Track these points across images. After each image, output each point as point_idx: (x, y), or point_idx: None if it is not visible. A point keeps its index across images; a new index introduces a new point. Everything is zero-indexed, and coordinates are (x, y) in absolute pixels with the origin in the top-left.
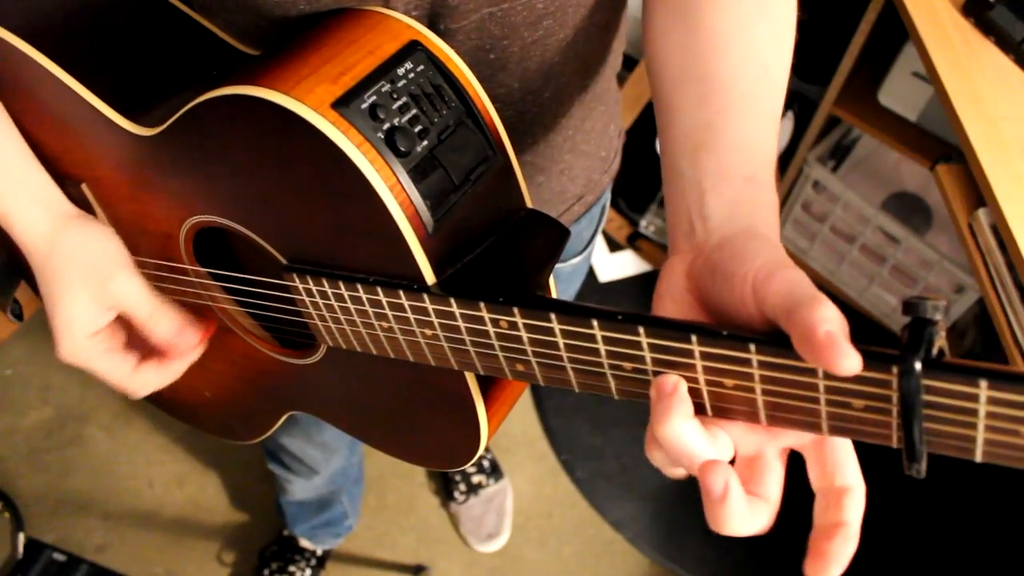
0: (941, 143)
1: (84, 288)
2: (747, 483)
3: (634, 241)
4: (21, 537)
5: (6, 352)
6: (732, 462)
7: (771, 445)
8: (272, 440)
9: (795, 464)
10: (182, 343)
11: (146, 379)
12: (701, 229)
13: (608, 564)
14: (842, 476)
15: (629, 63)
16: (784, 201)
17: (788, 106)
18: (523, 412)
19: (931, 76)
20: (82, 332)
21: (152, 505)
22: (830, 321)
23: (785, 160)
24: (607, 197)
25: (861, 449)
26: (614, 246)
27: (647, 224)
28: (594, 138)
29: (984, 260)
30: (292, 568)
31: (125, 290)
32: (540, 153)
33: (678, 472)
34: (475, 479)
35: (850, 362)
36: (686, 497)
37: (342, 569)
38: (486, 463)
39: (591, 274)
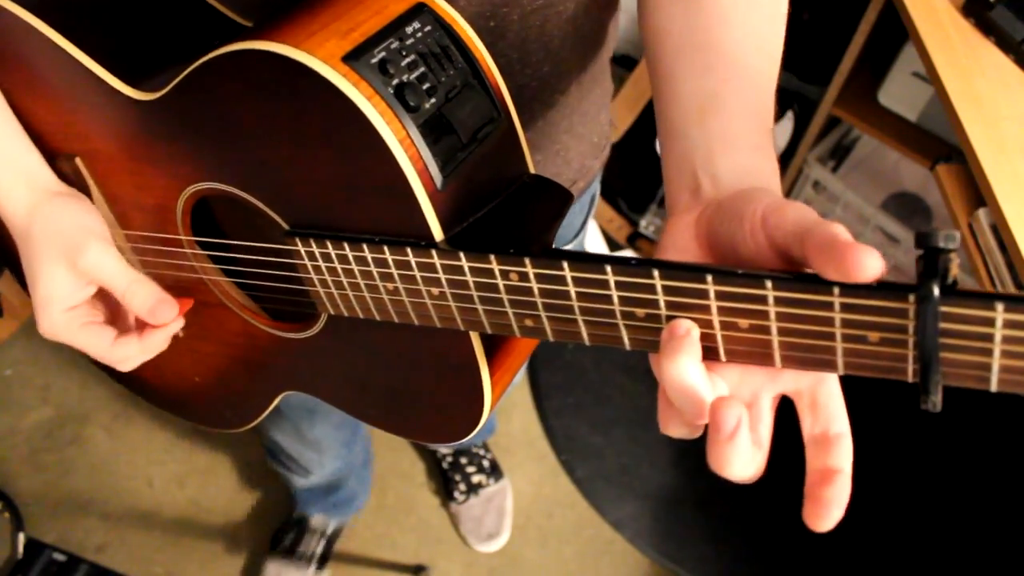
0: (941, 143)
1: (59, 262)
2: None
3: (634, 241)
4: (21, 537)
5: (6, 352)
6: None
7: (766, 392)
8: (268, 438)
9: (790, 469)
10: (161, 314)
11: (127, 351)
12: (710, 186)
13: (608, 564)
14: (835, 424)
15: (629, 63)
16: None
17: (788, 106)
18: (523, 412)
19: (931, 76)
20: (59, 306)
21: (152, 505)
22: (846, 232)
23: (785, 160)
24: (597, 186)
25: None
26: (614, 246)
27: (647, 224)
28: (589, 121)
29: (984, 260)
30: (303, 545)
31: (98, 261)
32: (539, 131)
33: (695, 434)
34: (475, 479)
35: (873, 261)
36: (686, 497)
37: (342, 569)
38: (486, 463)
39: None
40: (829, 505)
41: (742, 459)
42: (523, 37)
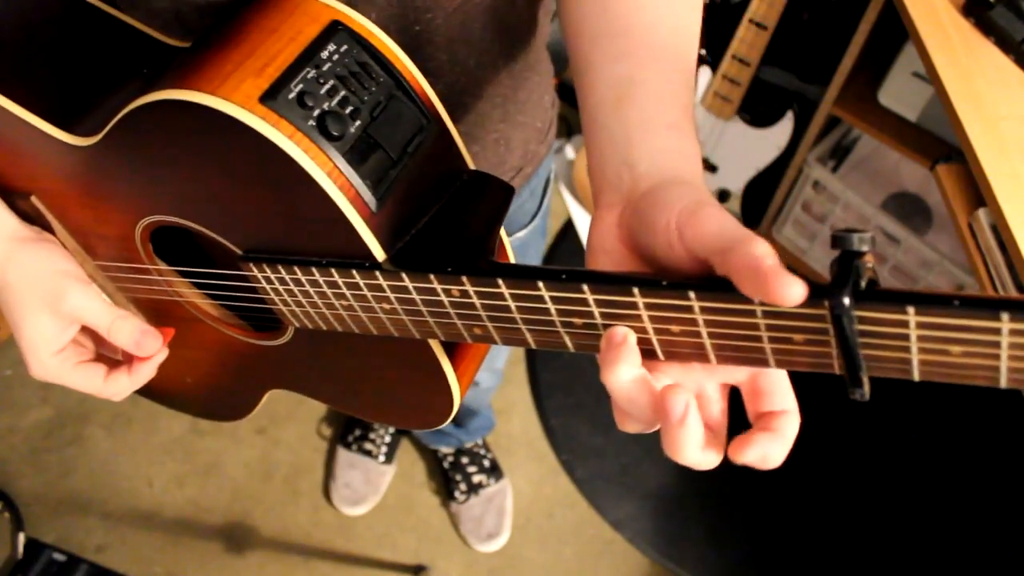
0: (941, 143)
1: (41, 309)
2: None
3: None
4: (21, 537)
5: (6, 352)
6: None
7: (709, 382)
8: None
9: (790, 469)
10: (146, 347)
11: (119, 386)
12: (628, 177)
13: (608, 564)
14: (778, 402)
15: None
16: (784, 201)
17: (788, 106)
18: (523, 412)
19: (931, 76)
20: (48, 351)
21: (152, 505)
22: (769, 256)
23: (785, 160)
24: (549, 169)
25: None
26: None
27: None
28: (529, 108)
29: (984, 260)
30: (368, 443)
31: (79, 304)
32: (472, 123)
33: (652, 429)
34: (476, 479)
35: (795, 289)
36: (686, 497)
37: (342, 569)
38: (487, 463)
39: None
40: (754, 442)
41: (694, 443)
42: (449, 37)
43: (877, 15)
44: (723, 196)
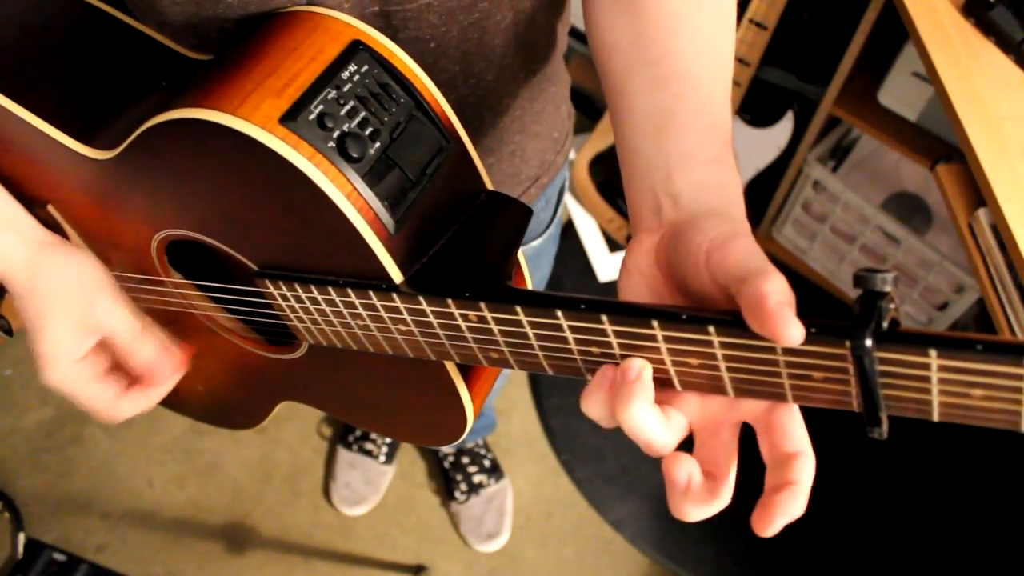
0: (941, 143)
1: (68, 315)
2: (705, 464)
3: None
4: (21, 537)
5: (6, 352)
6: (689, 440)
7: (725, 418)
8: None
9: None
10: (163, 367)
11: (132, 405)
12: (671, 207)
13: (608, 564)
14: (792, 444)
15: None
16: (784, 201)
17: (788, 106)
18: (523, 412)
19: (931, 76)
20: (68, 359)
21: (152, 505)
22: (777, 293)
23: (785, 160)
24: (564, 178)
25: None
26: (614, 246)
27: None
28: (546, 119)
29: (984, 260)
30: (369, 442)
31: (108, 314)
32: (488, 135)
33: (613, 425)
34: (476, 479)
35: (793, 331)
36: None
37: (342, 569)
38: (487, 463)
39: (591, 274)
40: (776, 510)
41: (698, 510)
42: (463, 51)
43: (877, 15)
44: None
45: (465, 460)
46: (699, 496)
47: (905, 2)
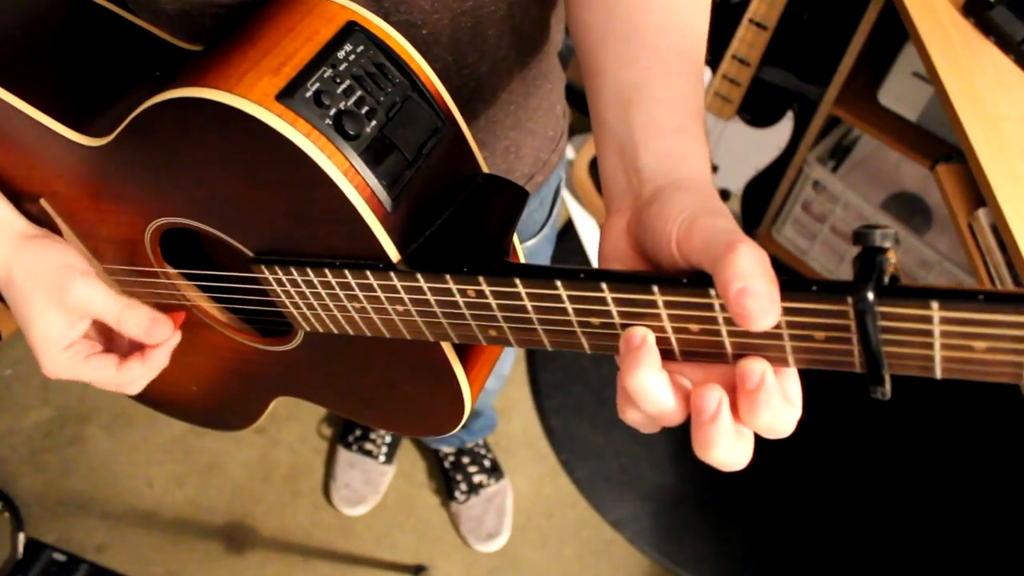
0: (941, 143)
1: (48, 303)
2: None
3: None
4: (21, 537)
5: (6, 352)
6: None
7: (728, 388)
8: None
9: (790, 469)
10: (156, 334)
11: (132, 374)
12: (636, 182)
13: (608, 564)
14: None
15: None
16: (784, 201)
17: (788, 106)
18: (523, 412)
19: (931, 76)
20: (58, 346)
21: (152, 505)
22: (742, 277)
23: (785, 160)
24: (559, 178)
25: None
26: None
27: None
28: (540, 116)
29: (984, 260)
30: (369, 442)
31: (86, 295)
32: (482, 128)
33: (653, 429)
34: (476, 479)
35: (767, 320)
36: (686, 497)
37: (342, 569)
38: (487, 462)
39: None
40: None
41: (726, 441)
42: (456, 39)
43: (877, 15)
44: (723, 196)
45: (465, 460)
46: (727, 429)
47: (905, 2)
